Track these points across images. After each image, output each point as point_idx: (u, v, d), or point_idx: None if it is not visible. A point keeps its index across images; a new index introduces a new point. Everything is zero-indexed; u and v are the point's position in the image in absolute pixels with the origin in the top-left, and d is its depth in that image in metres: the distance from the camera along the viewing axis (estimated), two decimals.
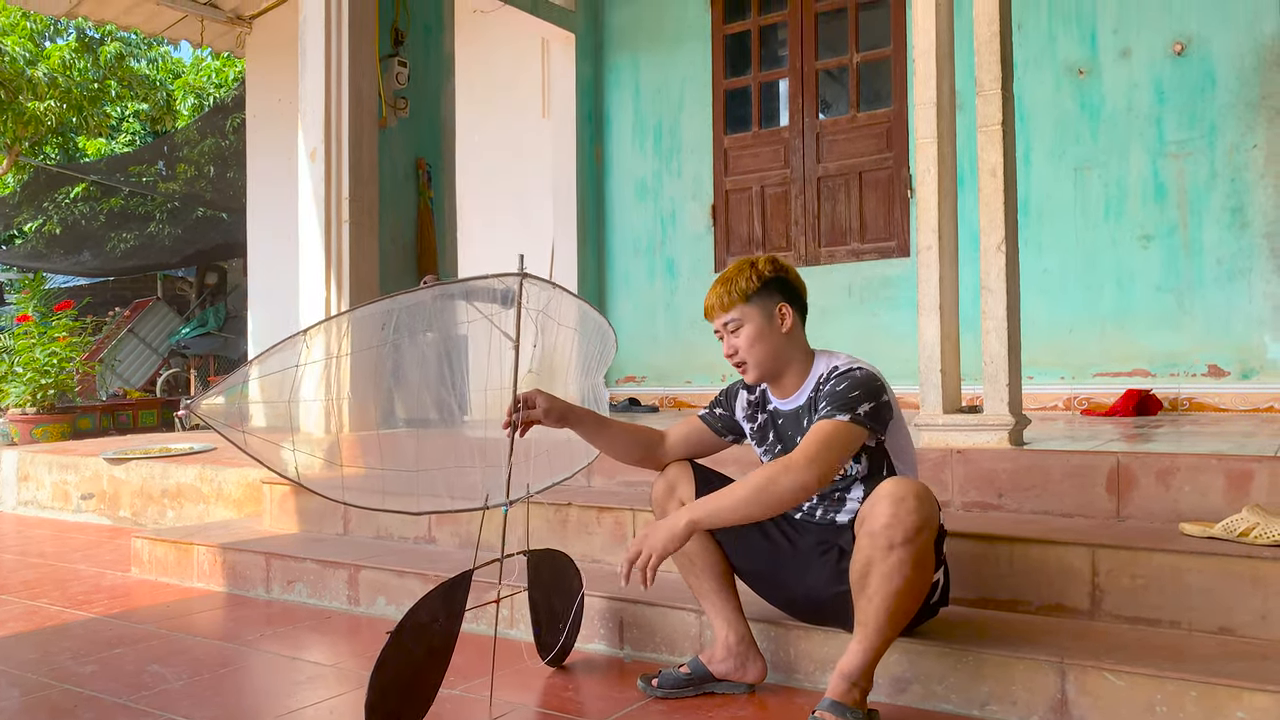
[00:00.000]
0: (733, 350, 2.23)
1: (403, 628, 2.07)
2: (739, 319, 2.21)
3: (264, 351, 2.12)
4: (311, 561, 3.39)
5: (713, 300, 2.24)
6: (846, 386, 2.10)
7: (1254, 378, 4.81)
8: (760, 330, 2.21)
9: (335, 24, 4.78)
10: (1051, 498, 2.79)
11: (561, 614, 2.57)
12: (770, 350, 2.22)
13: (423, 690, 2.16)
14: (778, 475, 2.00)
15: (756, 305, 2.21)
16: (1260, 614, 2.21)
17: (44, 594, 3.59)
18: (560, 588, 2.58)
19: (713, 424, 2.44)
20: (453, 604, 2.19)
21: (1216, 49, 4.90)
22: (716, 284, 2.25)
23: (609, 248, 6.95)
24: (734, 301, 2.21)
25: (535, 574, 2.50)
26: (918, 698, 2.23)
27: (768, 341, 2.21)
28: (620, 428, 2.41)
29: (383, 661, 2.03)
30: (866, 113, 5.95)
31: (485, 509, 2.30)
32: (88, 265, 12.63)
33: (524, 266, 2.31)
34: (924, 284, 3.17)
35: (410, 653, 2.10)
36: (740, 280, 2.22)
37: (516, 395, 2.25)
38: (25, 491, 5.78)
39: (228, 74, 15.31)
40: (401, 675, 2.09)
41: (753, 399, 2.38)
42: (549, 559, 2.58)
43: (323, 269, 4.75)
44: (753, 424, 2.38)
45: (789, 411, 2.28)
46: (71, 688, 2.50)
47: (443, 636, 2.18)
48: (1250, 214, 4.83)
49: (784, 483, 1.99)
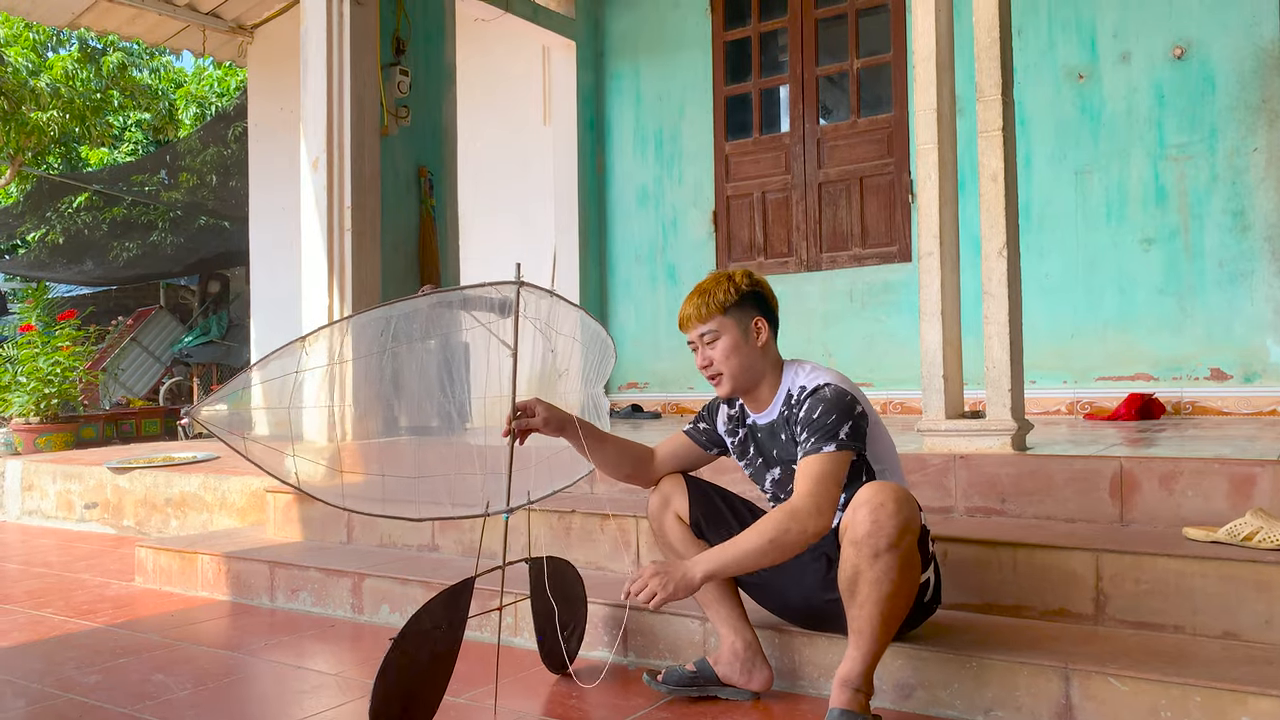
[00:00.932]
0: (707, 362, 2.26)
1: (405, 635, 2.08)
2: (716, 331, 2.23)
3: (264, 357, 2.13)
4: (315, 570, 3.39)
5: (689, 311, 2.26)
6: (822, 412, 2.12)
7: (1257, 381, 4.80)
8: (736, 343, 2.23)
9: (337, 33, 4.79)
10: (1055, 503, 2.79)
11: (565, 620, 2.57)
12: (744, 363, 2.24)
13: (427, 697, 2.17)
14: (788, 524, 2.04)
15: (733, 318, 2.24)
16: (1265, 618, 2.20)
17: (48, 603, 3.59)
18: (563, 594, 2.58)
19: (698, 438, 2.46)
20: (455, 611, 2.20)
21: (1216, 53, 4.91)
22: (693, 295, 2.27)
23: (610, 254, 6.96)
24: (711, 313, 2.23)
25: (538, 581, 2.50)
26: (922, 704, 2.23)
27: (743, 354, 2.24)
28: (615, 442, 2.44)
29: (385, 668, 2.04)
30: (867, 118, 5.96)
31: (486, 516, 2.31)
32: (91, 274, 12.65)
33: (521, 275, 2.32)
34: (925, 289, 3.18)
35: (414, 660, 2.11)
36: (718, 292, 2.24)
37: (515, 403, 2.27)
38: (29, 501, 5.78)
39: (229, 83, 15.36)
40: (405, 682, 2.10)
41: (732, 413, 2.41)
42: (552, 567, 2.57)
43: (325, 277, 4.76)
44: (734, 438, 2.41)
45: (765, 425, 2.32)
46: (76, 698, 2.50)
47: (446, 644, 2.19)
48: (1251, 217, 4.83)
49: (794, 532, 2.04)
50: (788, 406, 2.24)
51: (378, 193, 4.90)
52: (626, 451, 2.45)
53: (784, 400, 2.26)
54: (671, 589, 2.05)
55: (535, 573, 2.50)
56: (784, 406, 2.25)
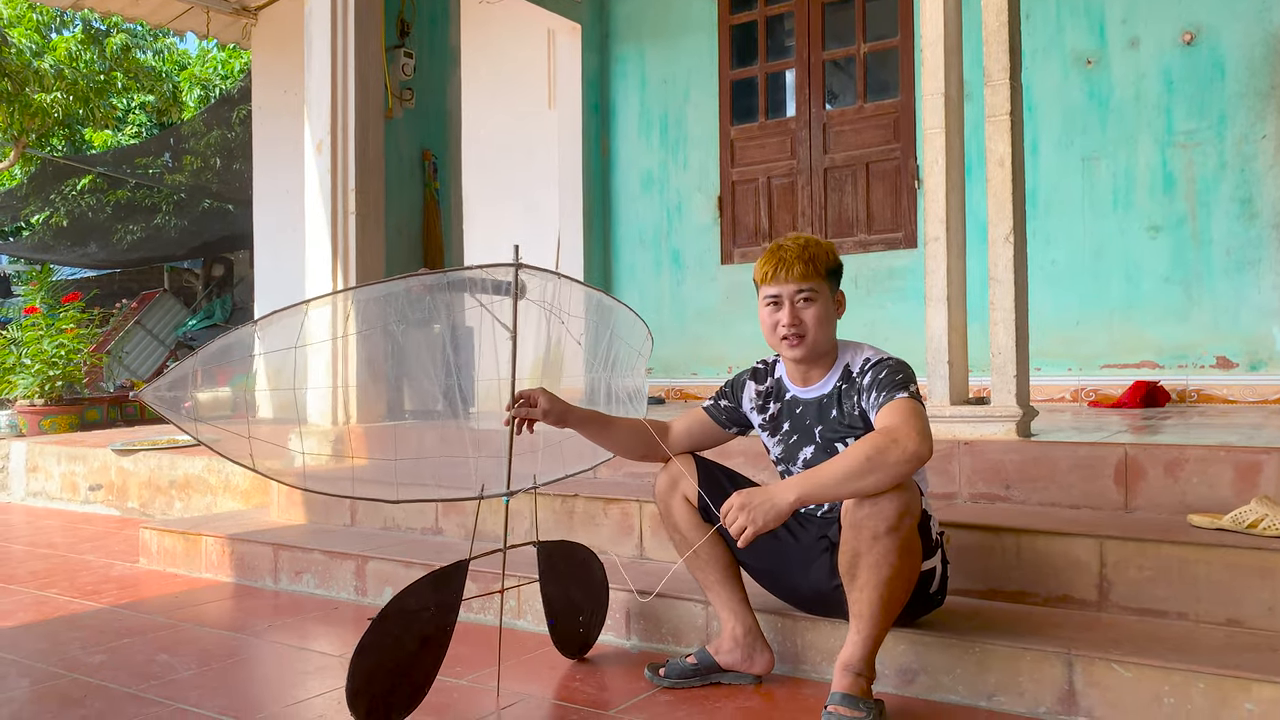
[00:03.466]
0: (795, 321, 2.17)
1: (386, 615, 2.07)
2: (815, 291, 2.18)
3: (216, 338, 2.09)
4: (319, 552, 3.40)
5: (794, 264, 2.16)
6: (889, 371, 2.12)
7: (1263, 369, 4.79)
8: (828, 311, 2.21)
9: (341, 15, 4.77)
10: (1059, 489, 2.79)
11: (581, 606, 2.55)
12: (827, 333, 2.21)
13: (414, 679, 2.14)
14: (886, 446, 1.92)
15: (829, 285, 2.21)
16: (1268, 606, 2.20)
17: (53, 584, 3.61)
18: (578, 579, 2.55)
19: (717, 416, 2.43)
20: (447, 593, 2.18)
21: (1226, 39, 4.87)
22: (795, 250, 2.17)
23: (615, 239, 6.94)
24: (817, 274, 2.18)
25: (548, 566, 2.48)
26: (925, 689, 2.23)
27: (830, 324, 2.22)
28: (623, 424, 2.39)
29: (364, 647, 2.02)
30: (874, 103, 5.93)
31: (480, 499, 2.29)
32: (95, 257, 12.65)
33: (519, 257, 2.30)
34: (931, 275, 3.16)
35: (398, 640, 2.09)
36: (823, 255, 2.20)
37: (515, 391, 2.25)
38: (34, 482, 5.80)
39: (234, 65, 15.30)
40: (389, 663, 2.07)
41: (762, 389, 2.37)
42: (564, 551, 2.56)
43: (329, 260, 4.75)
44: (763, 414, 2.37)
45: (810, 400, 2.27)
46: (81, 677, 2.51)
47: (437, 626, 2.16)
48: (1259, 204, 4.80)
49: (895, 450, 1.92)
50: (846, 380, 2.20)
51: (382, 176, 4.89)
52: (637, 432, 2.39)
53: (840, 375, 2.22)
54: (761, 523, 1.93)
55: (544, 556, 2.48)
56: (840, 381, 2.22)
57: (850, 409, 2.18)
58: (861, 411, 2.15)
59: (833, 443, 2.21)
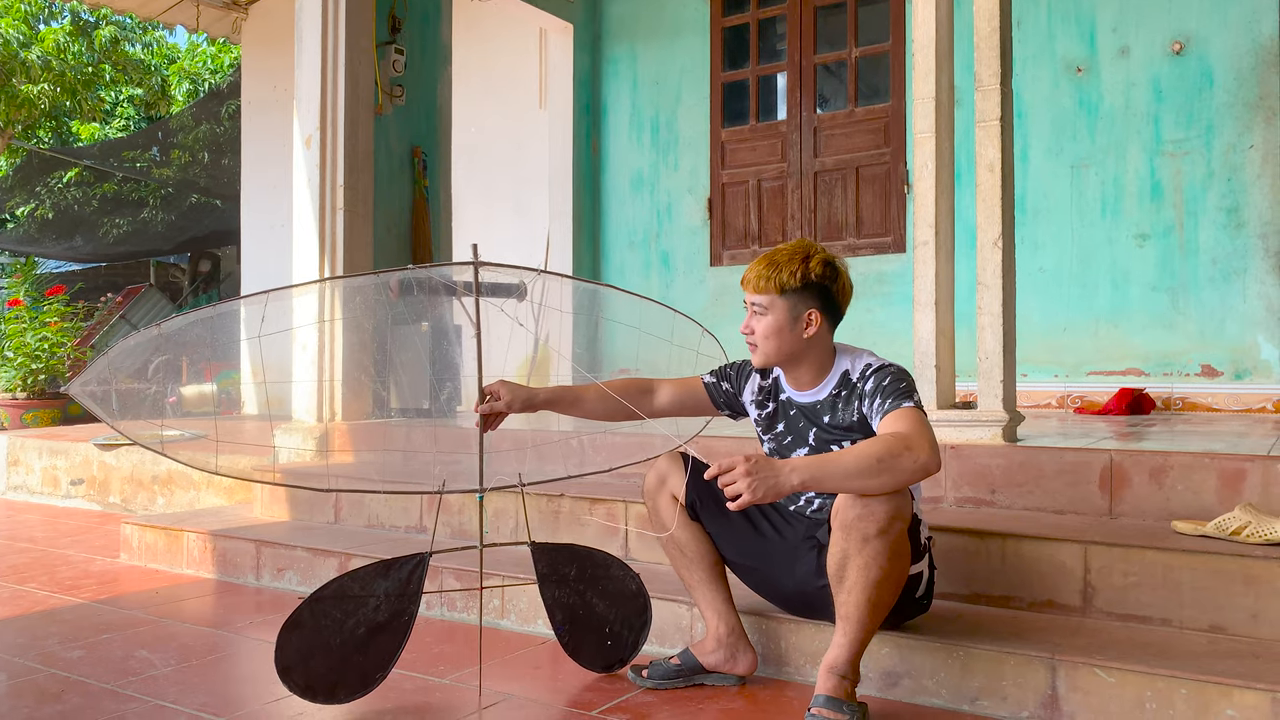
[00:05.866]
0: (749, 330, 2.21)
1: (322, 596, 2.11)
2: (766, 307, 2.18)
3: (128, 333, 2.10)
4: (302, 549, 3.37)
5: (752, 276, 2.19)
6: (892, 379, 2.11)
7: (1247, 378, 4.82)
8: (780, 327, 2.17)
9: (332, 10, 4.74)
10: (1044, 494, 2.79)
11: (607, 617, 2.42)
12: (783, 348, 2.19)
13: (362, 667, 2.16)
14: (899, 449, 1.91)
15: (788, 301, 2.16)
16: (1251, 613, 2.21)
17: (32, 579, 3.57)
18: (600, 588, 2.42)
19: (714, 395, 2.43)
20: (401, 584, 2.19)
21: (1215, 48, 4.90)
22: (764, 261, 2.19)
23: (604, 240, 6.93)
24: (768, 289, 2.16)
25: (550, 569, 2.37)
26: (908, 692, 2.23)
27: (783, 339, 2.18)
28: (596, 393, 2.39)
29: (293, 623, 2.07)
30: (865, 107, 5.94)
31: (441, 494, 2.29)
32: (80, 250, 12.55)
33: (479, 255, 2.28)
34: (920, 279, 3.17)
35: (339, 623, 2.12)
36: (784, 272, 2.15)
37: (482, 387, 2.26)
38: (15, 476, 5.75)
39: (223, 60, 15.23)
40: (330, 642, 2.11)
41: (764, 385, 2.36)
42: (571, 555, 2.41)
43: (317, 257, 4.73)
44: (761, 410, 2.36)
45: (805, 404, 2.27)
46: (59, 672, 2.49)
47: (392, 616, 2.18)
48: (1246, 214, 4.83)
49: (908, 457, 1.91)
50: (844, 386, 2.19)
51: (371, 172, 4.86)
52: (620, 391, 2.39)
53: (839, 381, 2.21)
54: (761, 493, 1.87)
55: (544, 558, 2.37)
56: (838, 387, 2.20)
57: (849, 415, 2.18)
58: (861, 417, 2.15)
59: (827, 444, 2.21)
